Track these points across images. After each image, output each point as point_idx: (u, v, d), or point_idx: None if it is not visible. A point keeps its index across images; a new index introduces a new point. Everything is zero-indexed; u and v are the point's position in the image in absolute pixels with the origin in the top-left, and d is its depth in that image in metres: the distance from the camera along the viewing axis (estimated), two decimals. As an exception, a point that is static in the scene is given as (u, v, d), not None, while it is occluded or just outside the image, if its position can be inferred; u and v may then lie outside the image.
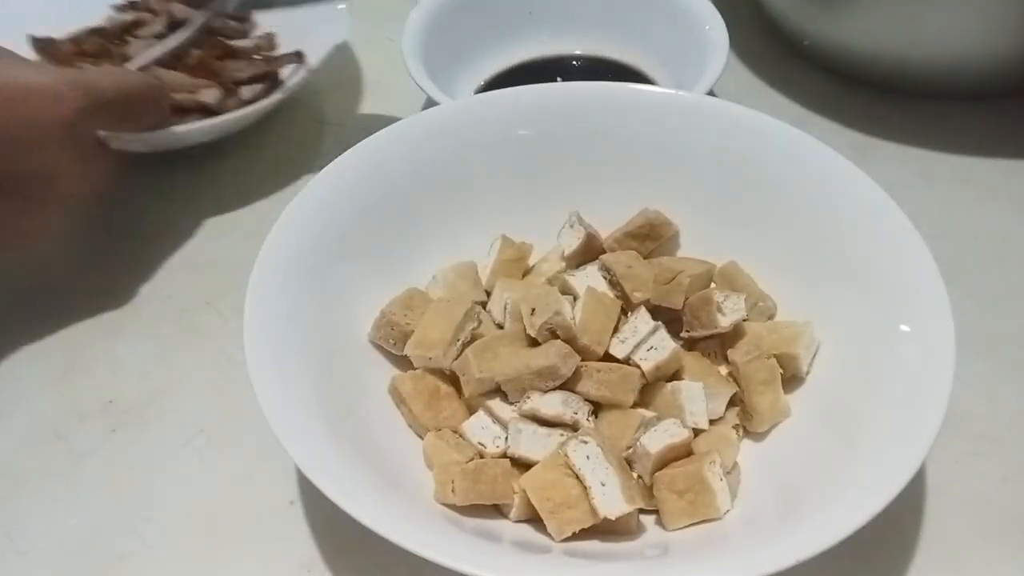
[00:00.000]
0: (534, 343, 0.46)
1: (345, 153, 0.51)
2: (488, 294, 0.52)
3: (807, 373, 0.47)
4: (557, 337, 0.45)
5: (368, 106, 0.72)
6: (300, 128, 0.69)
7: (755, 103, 0.53)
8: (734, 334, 0.48)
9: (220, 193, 0.64)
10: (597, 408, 0.45)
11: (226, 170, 0.66)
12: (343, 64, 0.74)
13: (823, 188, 0.49)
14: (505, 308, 0.49)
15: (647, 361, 0.45)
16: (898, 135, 0.66)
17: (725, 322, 0.47)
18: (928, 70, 0.66)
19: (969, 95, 0.68)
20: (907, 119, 0.67)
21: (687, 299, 0.48)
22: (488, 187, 0.54)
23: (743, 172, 0.52)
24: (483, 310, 0.50)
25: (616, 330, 0.47)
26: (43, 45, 0.67)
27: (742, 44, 0.74)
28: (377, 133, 0.53)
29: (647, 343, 0.46)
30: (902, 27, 0.63)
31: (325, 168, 0.51)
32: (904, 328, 0.43)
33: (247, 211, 0.63)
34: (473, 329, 0.47)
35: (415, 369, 0.47)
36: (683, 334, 0.48)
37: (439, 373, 0.47)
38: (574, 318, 0.46)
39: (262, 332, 0.43)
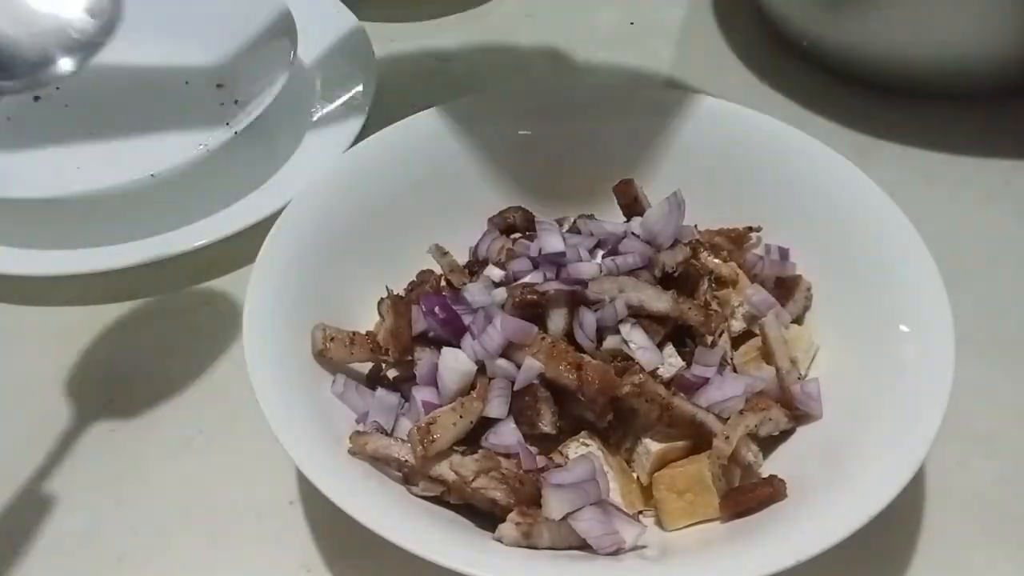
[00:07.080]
0: None
1: (344, 154, 0.51)
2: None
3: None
4: None
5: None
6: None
7: (755, 103, 0.53)
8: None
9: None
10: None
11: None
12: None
13: (823, 188, 0.49)
14: None
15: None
16: (898, 135, 0.66)
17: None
18: (928, 70, 0.66)
19: (969, 95, 0.68)
20: (907, 119, 0.67)
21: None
22: (488, 187, 0.54)
23: (743, 172, 0.52)
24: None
25: None
26: None
27: (742, 45, 0.74)
28: (377, 133, 0.53)
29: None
30: (902, 27, 0.63)
31: (325, 169, 0.51)
32: (904, 328, 0.43)
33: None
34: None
35: None
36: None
37: None
38: None
39: (262, 332, 0.43)
